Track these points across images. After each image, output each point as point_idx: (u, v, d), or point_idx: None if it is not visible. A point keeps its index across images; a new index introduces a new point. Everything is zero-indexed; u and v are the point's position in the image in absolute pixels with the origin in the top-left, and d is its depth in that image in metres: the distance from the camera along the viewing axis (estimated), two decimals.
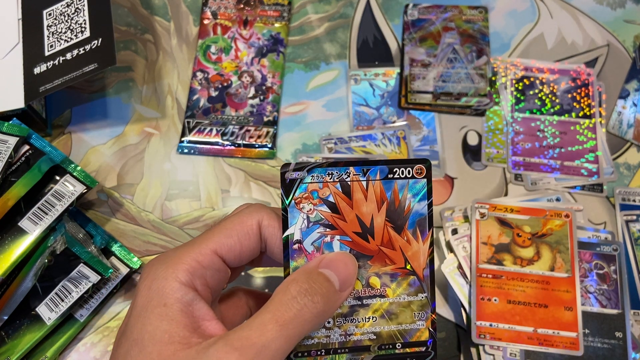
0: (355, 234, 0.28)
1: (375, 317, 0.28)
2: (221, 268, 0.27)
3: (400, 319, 0.29)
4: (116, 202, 0.49)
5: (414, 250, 0.28)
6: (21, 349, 0.41)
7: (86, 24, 0.47)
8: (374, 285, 0.28)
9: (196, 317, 0.25)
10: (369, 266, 0.28)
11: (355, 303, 0.28)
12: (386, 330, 0.29)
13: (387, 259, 0.28)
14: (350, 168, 0.28)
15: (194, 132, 0.50)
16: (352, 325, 0.28)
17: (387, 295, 0.28)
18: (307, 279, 0.25)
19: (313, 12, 0.56)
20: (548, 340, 0.42)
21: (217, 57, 0.53)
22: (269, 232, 0.28)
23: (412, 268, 0.28)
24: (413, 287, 0.28)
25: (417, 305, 0.29)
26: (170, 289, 0.25)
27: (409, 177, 0.28)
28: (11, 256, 0.41)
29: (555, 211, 0.45)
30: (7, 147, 0.42)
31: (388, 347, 0.29)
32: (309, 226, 0.28)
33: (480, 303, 0.43)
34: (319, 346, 0.28)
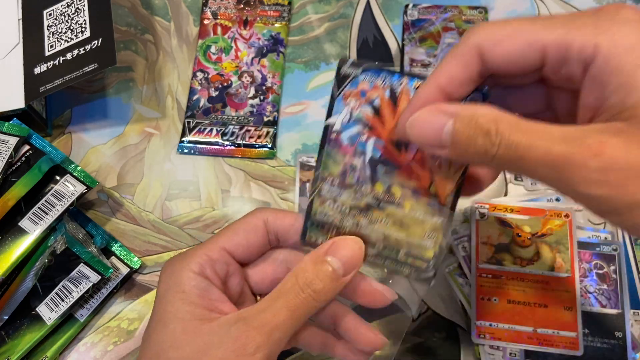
0: (391, 141, 0.28)
1: (388, 221, 0.29)
2: (229, 261, 0.31)
3: (411, 232, 0.29)
4: (116, 202, 0.49)
5: (443, 175, 0.28)
6: (21, 349, 0.41)
7: (86, 24, 0.47)
8: (394, 193, 0.29)
9: (212, 300, 0.29)
10: (395, 175, 0.29)
11: (373, 203, 0.29)
12: (395, 236, 0.29)
13: (414, 175, 0.29)
14: (404, 78, 0.28)
15: (194, 132, 0.50)
16: (365, 220, 0.29)
17: (404, 207, 0.29)
18: (313, 269, 0.28)
19: (313, 12, 0.56)
20: (548, 340, 0.42)
21: (217, 57, 0.53)
22: (277, 225, 0.31)
23: (435, 191, 0.28)
24: (431, 208, 0.29)
25: (430, 225, 0.29)
26: (186, 278, 0.29)
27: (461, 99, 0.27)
28: (11, 256, 0.41)
29: (555, 211, 0.45)
30: (7, 147, 0.43)
31: (392, 250, 0.30)
32: (349, 121, 0.29)
33: (480, 303, 0.43)
34: (332, 225, 0.30)
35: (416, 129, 0.26)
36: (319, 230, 0.30)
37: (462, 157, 0.25)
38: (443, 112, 0.25)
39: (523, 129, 0.22)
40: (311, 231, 0.30)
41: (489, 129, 0.23)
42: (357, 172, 0.29)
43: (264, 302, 0.28)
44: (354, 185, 0.29)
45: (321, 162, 0.29)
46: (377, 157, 0.29)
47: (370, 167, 0.29)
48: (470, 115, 0.23)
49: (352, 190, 0.29)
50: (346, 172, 0.29)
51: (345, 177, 0.29)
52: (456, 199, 0.29)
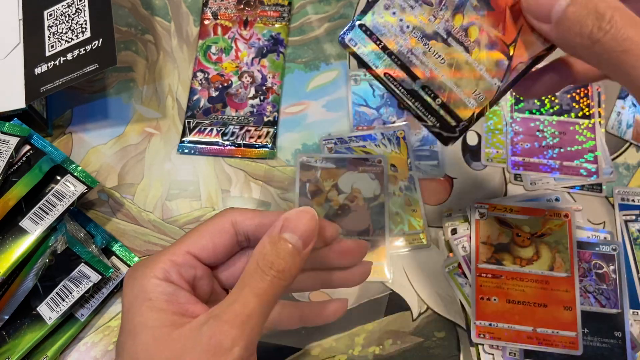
0: None
1: (445, 60, 0.26)
2: (195, 265, 0.30)
3: (462, 83, 0.26)
4: (117, 202, 0.49)
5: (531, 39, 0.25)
6: (22, 349, 0.41)
7: (87, 25, 0.47)
8: (469, 34, 0.26)
9: (181, 304, 0.28)
10: (482, 15, 0.25)
11: (443, 34, 0.26)
12: (442, 80, 0.26)
13: (502, 23, 0.25)
14: None
15: (195, 132, 0.50)
16: (422, 48, 0.26)
17: (471, 53, 0.26)
18: (272, 250, 0.28)
19: (313, 13, 0.56)
20: (547, 339, 0.42)
21: (217, 58, 0.53)
22: (246, 226, 0.30)
23: (512, 53, 0.25)
24: (497, 67, 0.26)
25: (485, 85, 0.26)
26: (151, 285, 0.28)
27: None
28: (12, 256, 0.41)
29: (555, 211, 0.45)
30: (8, 147, 0.43)
31: (430, 93, 0.26)
32: None
33: (480, 303, 0.43)
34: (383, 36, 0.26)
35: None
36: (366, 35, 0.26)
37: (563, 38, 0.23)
38: None
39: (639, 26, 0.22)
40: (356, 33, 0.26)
41: (604, 13, 0.22)
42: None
43: (231, 295, 0.27)
44: (433, 4, 0.25)
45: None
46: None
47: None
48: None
49: (428, 9, 0.25)
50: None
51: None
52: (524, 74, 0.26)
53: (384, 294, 0.46)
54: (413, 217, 0.48)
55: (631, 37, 0.22)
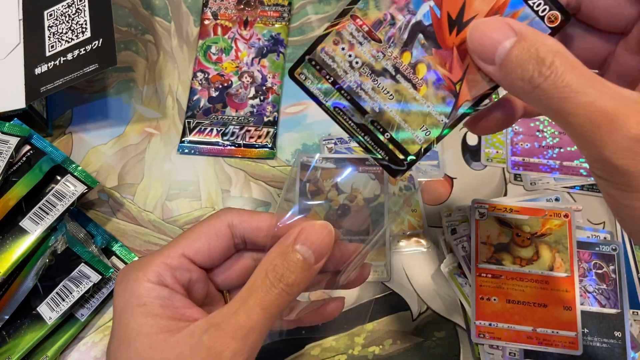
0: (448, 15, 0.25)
1: (393, 96, 0.26)
2: (190, 268, 0.29)
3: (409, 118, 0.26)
4: (117, 202, 0.49)
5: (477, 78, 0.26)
6: (22, 349, 0.41)
7: (87, 25, 0.47)
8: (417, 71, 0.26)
9: (177, 308, 0.27)
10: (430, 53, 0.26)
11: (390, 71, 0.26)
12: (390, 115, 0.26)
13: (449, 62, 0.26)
14: None
15: (195, 132, 0.50)
16: (371, 84, 0.26)
17: (418, 90, 0.26)
18: (283, 262, 0.26)
19: (313, 13, 0.56)
20: (547, 339, 0.42)
21: (217, 58, 0.53)
22: (243, 228, 0.29)
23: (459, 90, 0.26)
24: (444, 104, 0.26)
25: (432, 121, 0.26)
26: (144, 289, 0.27)
27: (539, 15, 0.25)
28: (12, 256, 0.41)
29: (555, 211, 0.45)
30: (8, 147, 0.43)
31: (378, 128, 0.27)
32: None
33: (480, 303, 0.43)
34: (331, 71, 0.27)
35: (478, 33, 0.24)
36: (315, 70, 0.26)
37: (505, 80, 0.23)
38: (511, 27, 0.23)
39: (579, 71, 0.21)
40: (305, 67, 0.27)
41: (545, 57, 0.22)
42: (394, 30, 0.26)
43: (235, 303, 0.26)
44: (382, 41, 0.26)
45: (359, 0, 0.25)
46: (424, 25, 0.25)
47: (411, 31, 0.25)
48: (533, 41, 0.22)
49: (377, 46, 0.26)
50: (382, 24, 0.26)
51: (377, 29, 0.26)
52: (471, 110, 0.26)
53: (384, 294, 0.46)
54: (413, 217, 0.48)
55: (570, 84, 0.21)
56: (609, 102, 0.21)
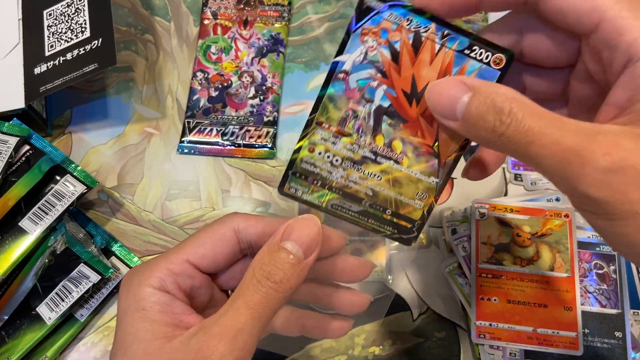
0: (403, 92, 0.26)
1: (381, 177, 0.27)
2: (193, 274, 0.29)
3: (403, 190, 0.28)
4: (116, 202, 0.49)
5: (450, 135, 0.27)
6: (21, 349, 0.41)
7: (86, 24, 0.47)
8: (394, 148, 0.27)
9: (176, 314, 0.27)
10: (399, 129, 0.27)
11: (370, 156, 0.27)
12: (384, 194, 0.28)
13: (420, 130, 0.27)
14: (432, 24, 0.26)
15: (194, 132, 0.50)
16: (356, 174, 0.27)
17: (402, 164, 0.27)
18: (270, 260, 0.26)
19: (313, 13, 0.56)
20: (548, 340, 0.42)
21: (217, 57, 0.53)
22: (249, 233, 0.29)
23: (438, 151, 0.27)
24: (429, 168, 0.27)
25: (424, 185, 0.27)
26: (145, 294, 0.27)
27: (484, 62, 0.26)
28: (11, 256, 0.41)
29: (555, 211, 0.45)
30: (7, 147, 0.43)
31: (378, 208, 0.28)
32: (362, 62, 0.26)
33: (480, 303, 0.43)
34: (317, 177, 0.28)
35: (434, 95, 0.25)
36: (302, 180, 0.28)
37: (470, 133, 0.24)
38: (464, 83, 0.24)
39: (538, 114, 0.22)
40: (292, 181, 0.28)
41: (502, 107, 0.22)
42: (359, 121, 0.27)
43: (225, 306, 0.26)
44: (352, 134, 0.27)
45: (319, 105, 0.27)
46: (385, 107, 0.26)
47: (375, 116, 0.27)
48: (488, 93, 0.23)
49: (350, 140, 0.27)
50: (346, 120, 0.27)
51: (344, 125, 0.27)
52: (456, 163, 0.27)
53: (384, 294, 0.46)
54: None
55: (532, 128, 0.22)
56: (573, 138, 0.21)
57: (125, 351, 0.26)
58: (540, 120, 0.22)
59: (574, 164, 0.21)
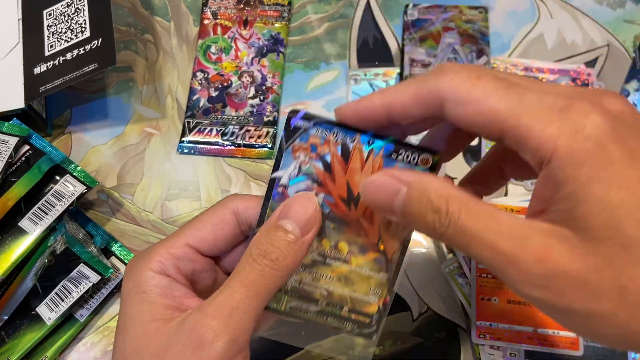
0: (340, 198, 0.28)
1: (333, 277, 0.29)
2: (194, 258, 0.29)
3: (356, 288, 0.29)
4: (116, 202, 0.49)
5: (392, 232, 0.28)
6: (21, 349, 0.41)
7: (86, 24, 0.47)
8: (341, 249, 0.28)
9: (176, 297, 0.27)
10: (343, 231, 0.28)
11: (318, 259, 0.29)
12: (339, 292, 0.29)
13: (362, 230, 0.28)
14: (357, 135, 0.27)
15: (194, 132, 0.50)
16: (309, 277, 0.29)
17: (350, 263, 0.29)
18: (267, 238, 0.26)
19: (313, 13, 0.56)
20: (548, 340, 0.42)
21: (217, 57, 0.53)
22: (248, 215, 0.29)
23: (383, 248, 0.28)
24: (378, 264, 0.28)
25: (375, 281, 0.29)
26: (145, 277, 0.27)
27: (412, 164, 0.27)
28: (11, 256, 0.41)
29: None
30: (7, 147, 0.43)
31: (335, 307, 0.29)
32: (298, 175, 0.28)
33: (480, 303, 0.43)
34: None
35: (369, 192, 0.26)
36: None
37: (412, 227, 0.25)
38: (397, 179, 0.24)
39: (473, 213, 0.22)
40: None
41: (439, 206, 0.23)
42: None
43: (221, 287, 0.26)
44: None
45: (264, 217, 0.28)
46: (325, 213, 0.28)
47: None
48: (423, 189, 0.23)
49: None
50: None
51: None
52: (403, 256, 0.28)
53: None
54: None
55: (470, 229, 0.22)
56: (507, 243, 0.21)
57: (125, 333, 0.26)
58: (476, 222, 0.22)
59: (511, 270, 0.21)
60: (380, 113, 0.26)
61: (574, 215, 0.21)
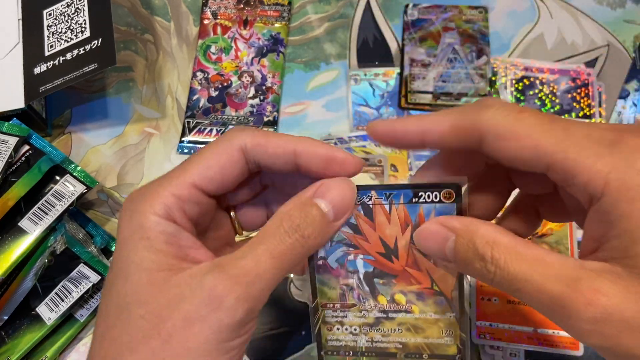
0: (379, 254, 0.28)
1: (401, 329, 0.29)
2: (200, 200, 0.26)
3: (427, 334, 0.29)
4: (116, 202, 0.49)
5: (441, 272, 0.28)
6: (21, 349, 0.41)
7: (86, 24, 0.47)
8: (399, 301, 0.28)
9: (182, 247, 0.25)
10: (394, 284, 0.28)
11: (381, 315, 0.29)
12: (412, 342, 0.29)
13: (412, 279, 0.28)
14: (372, 192, 0.27)
15: (194, 132, 0.50)
16: (378, 334, 0.29)
17: (413, 312, 0.28)
18: (300, 213, 0.25)
19: (313, 12, 0.56)
20: (548, 340, 0.42)
21: (217, 57, 0.53)
22: (258, 152, 0.27)
23: (439, 289, 0.28)
24: (440, 305, 0.28)
25: (444, 322, 0.28)
26: (150, 223, 0.25)
27: (435, 202, 0.27)
28: (11, 256, 0.41)
29: None
30: (7, 147, 0.42)
31: (415, 356, 0.29)
32: (332, 245, 0.28)
33: (481, 303, 0.43)
34: (347, 348, 0.29)
35: (421, 240, 0.26)
36: (335, 356, 0.29)
37: (465, 273, 0.25)
38: (445, 226, 0.24)
39: (519, 258, 0.22)
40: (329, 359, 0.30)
41: (484, 254, 0.22)
42: (356, 291, 0.28)
43: (244, 248, 0.24)
44: (356, 304, 0.29)
45: (316, 291, 0.29)
46: (370, 271, 0.28)
47: (366, 282, 0.28)
48: (469, 236, 0.23)
49: (357, 309, 0.29)
50: (345, 294, 0.29)
51: (345, 299, 0.29)
52: (462, 290, 0.28)
53: None
54: None
55: (517, 275, 0.22)
56: (555, 286, 0.21)
57: (126, 279, 0.24)
58: (522, 265, 0.22)
59: (559, 313, 0.21)
60: (414, 137, 0.26)
61: (629, 253, 0.20)
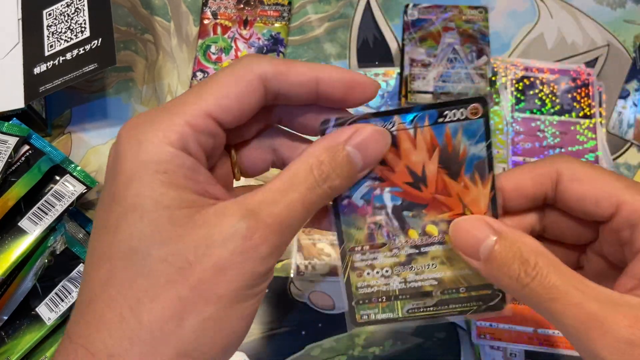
0: (407, 184, 0.26)
1: (435, 263, 0.27)
2: (216, 132, 0.24)
3: (463, 265, 0.27)
4: None
5: (473, 195, 0.26)
6: (21, 349, 0.41)
7: (86, 24, 0.47)
8: (431, 233, 0.27)
9: (200, 182, 0.23)
10: (424, 215, 0.27)
11: (413, 252, 0.27)
12: (448, 276, 0.27)
13: (443, 206, 0.26)
14: (395, 117, 0.25)
15: None
16: (412, 273, 0.27)
17: (446, 242, 0.27)
18: (330, 161, 0.23)
19: (313, 12, 0.56)
20: (548, 340, 0.42)
21: (217, 57, 0.53)
22: (279, 81, 0.24)
23: (472, 213, 0.26)
24: None
25: None
26: (166, 155, 0.22)
27: (462, 119, 0.25)
28: (11, 256, 0.41)
29: None
30: (7, 147, 0.42)
31: (451, 292, 0.28)
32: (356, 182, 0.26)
33: None
34: (379, 294, 0.28)
35: (458, 234, 0.26)
36: (367, 304, 0.28)
37: (493, 275, 0.24)
38: (489, 226, 0.25)
39: (562, 272, 0.23)
40: (359, 310, 0.28)
41: (528, 258, 0.23)
42: (385, 228, 0.27)
43: (272, 193, 0.22)
44: (386, 242, 0.27)
45: (342, 235, 0.27)
46: (399, 204, 0.26)
47: (395, 216, 0.27)
48: (514, 239, 0.24)
49: (387, 248, 0.27)
50: (373, 234, 0.27)
51: (374, 239, 0.27)
52: (496, 211, 0.27)
53: None
54: None
55: (557, 286, 0.22)
56: (595, 304, 0.22)
57: (141, 217, 0.21)
58: (564, 279, 0.22)
59: (595, 330, 0.21)
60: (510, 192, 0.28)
61: None
